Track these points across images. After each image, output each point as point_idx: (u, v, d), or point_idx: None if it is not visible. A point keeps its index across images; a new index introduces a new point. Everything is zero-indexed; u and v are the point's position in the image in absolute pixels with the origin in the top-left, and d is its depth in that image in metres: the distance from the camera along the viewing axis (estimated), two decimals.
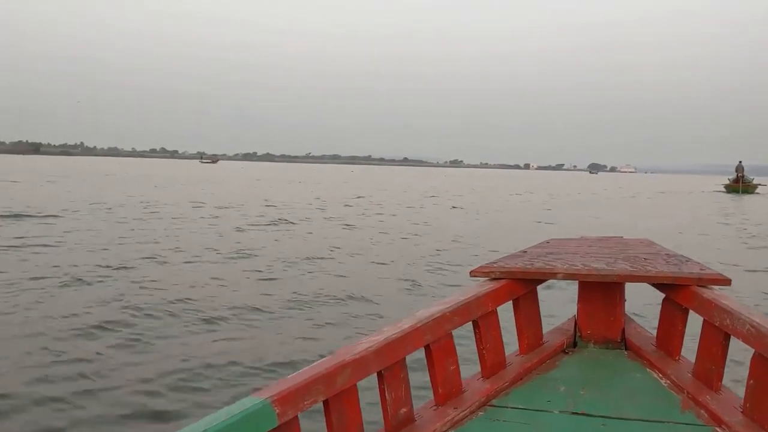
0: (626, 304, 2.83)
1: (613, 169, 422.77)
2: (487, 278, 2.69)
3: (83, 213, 17.16)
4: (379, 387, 2.06)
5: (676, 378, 2.39)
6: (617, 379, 2.49)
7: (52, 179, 39.20)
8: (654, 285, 2.66)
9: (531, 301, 2.76)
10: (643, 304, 4.47)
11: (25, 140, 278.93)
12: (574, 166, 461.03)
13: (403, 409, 2.10)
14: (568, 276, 2.68)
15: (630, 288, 2.80)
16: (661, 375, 2.47)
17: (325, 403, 1.82)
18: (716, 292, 2.43)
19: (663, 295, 2.66)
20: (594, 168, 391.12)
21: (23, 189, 27.87)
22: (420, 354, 2.26)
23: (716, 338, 2.28)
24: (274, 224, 15.85)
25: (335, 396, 1.83)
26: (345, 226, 15.89)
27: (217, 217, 17.46)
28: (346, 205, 23.87)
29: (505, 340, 2.59)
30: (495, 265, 2.77)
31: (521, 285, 2.69)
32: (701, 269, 2.63)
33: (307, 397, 1.73)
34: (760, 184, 44.80)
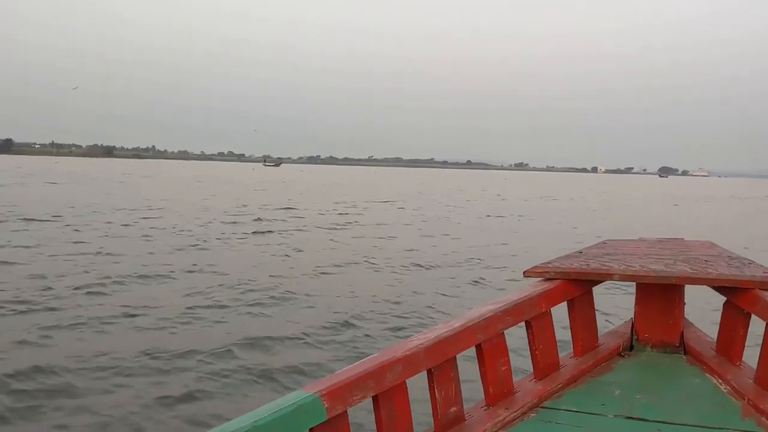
0: (686, 307, 2.76)
1: (685, 173, 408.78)
2: (541, 278, 2.66)
3: None
4: (429, 385, 2.05)
5: (737, 384, 2.31)
6: (675, 383, 2.43)
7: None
8: (715, 288, 2.58)
9: (586, 303, 2.71)
10: (703, 308, 4.34)
11: (100, 144, 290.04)
12: (644, 170, 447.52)
13: (453, 408, 2.09)
14: (625, 277, 2.62)
15: (690, 291, 2.73)
16: (720, 380, 2.39)
17: (375, 399, 1.83)
18: None
19: (724, 299, 2.58)
20: (664, 171, 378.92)
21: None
22: (471, 353, 2.25)
23: None
24: None
25: (385, 392, 1.84)
26: None
27: None
28: None
29: (558, 341, 2.56)
30: (550, 266, 2.73)
31: (576, 286, 2.65)
32: (765, 272, 2.53)
33: (357, 393, 1.74)
34: None
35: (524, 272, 2.71)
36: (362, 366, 1.82)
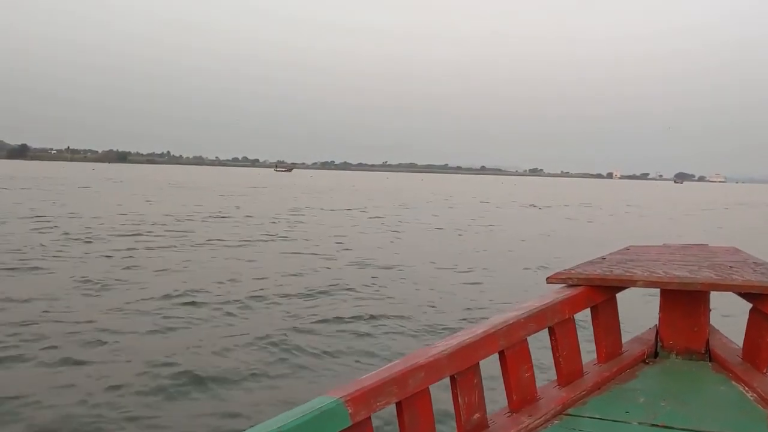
0: (711, 314, 2.73)
1: (701, 179, 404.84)
2: (564, 285, 2.64)
3: None
4: (452, 391, 2.05)
5: (764, 392, 2.28)
6: (700, 391, 2.40)
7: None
8: (740, 294, 2.54)
9: (610, 309, 2.69)
10: (729, 314, 4.29)
11: (116, 149, 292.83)
12: (660, 176, 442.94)
13: (476, 415, 2.08)
14: (649, 284, 2.59)
15: (715, 297, 2.70)
16: (747, 388, 2.36)
17: (398, 405, 1.83)
18: None
19: (750, 305, 2.55)
20: (680, 177, 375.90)
21: None
22: (494, 359, 2.24)
23: None
24: None
25: (408, 398, 1.84)
26: None
27: None
28: None
29: (582, 348, 2.54)
30: (572, 272, 2.71)
31: (600, 292, 2.63)
32: None
33: (380, 398, 1.74)
34: None
35: (547, 278, 2.70)
36: (385, 372, 1.82)
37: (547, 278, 2.70)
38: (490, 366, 2.25)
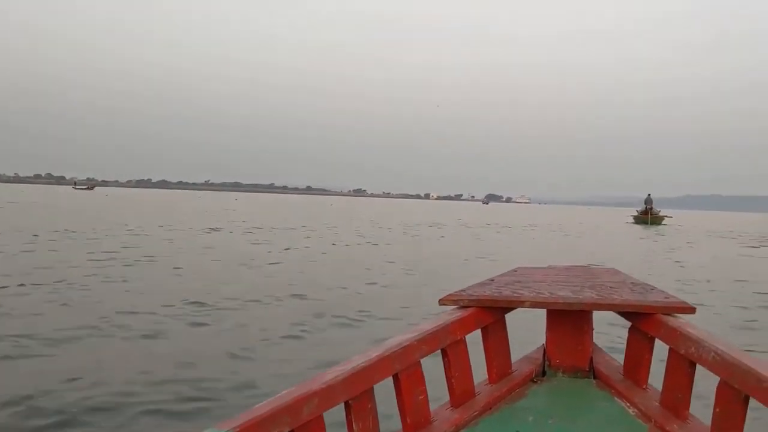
0: (594, 332, 2.83)
1: (509, 200, 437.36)
2: (455, 306, 2.65)
3: None
4: (347, 418, 1.99)
5: (644, 407, 2.38)
6: (585, 408, 2.48)
7: None
8: (620, 313, 2.66)
9: (499, 330, 2.72)
10: (611, 333, 4.51)
11: None
12: (472, 197, 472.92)
13: None
14: (536, 304, 2.65)
15: (597, 316, 2.80)
16: (628, 404, 2.46)
17: None
18: (681, 321, 2.45)
19: (629, 324, 2.67)
20: (488, 198, 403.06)
21: None
22: (389, 383, 2.20)
23: (682, 366, 2.29)
24: None
25: (301, 427, 1.76)
26: None
27: None
28: None
29: (474, 368, 2.54)
30: (464, 293, 2.73)
31: (489, 313, 2.66)
32: (666, 297, 2.65)
33: (272, 429, 1.66)
34: (666, 216, 48.06)
35: (439, 300, 2.69)
36: (278, 401, 1.73)
37: (440, 300, 2.69)
38: (384, 389, 2.20)
